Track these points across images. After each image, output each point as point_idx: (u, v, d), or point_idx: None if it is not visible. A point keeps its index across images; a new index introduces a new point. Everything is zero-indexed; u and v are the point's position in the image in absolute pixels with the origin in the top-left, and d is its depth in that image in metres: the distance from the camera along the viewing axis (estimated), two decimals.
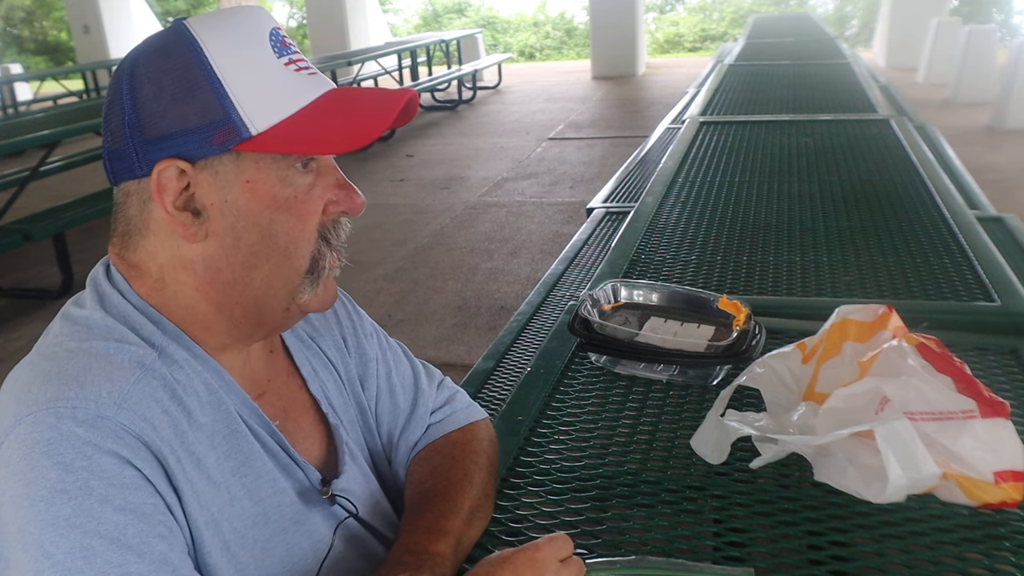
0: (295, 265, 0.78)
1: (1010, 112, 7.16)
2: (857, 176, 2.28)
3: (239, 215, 0.75)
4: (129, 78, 0.74)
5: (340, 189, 0.80)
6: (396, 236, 5.22)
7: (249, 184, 0.75)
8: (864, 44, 14.68)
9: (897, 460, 0.86)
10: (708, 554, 0.87)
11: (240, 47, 0.74)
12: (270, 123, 0.74)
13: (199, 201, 0.75)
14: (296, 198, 0.77)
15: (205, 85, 0.73)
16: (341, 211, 0.81)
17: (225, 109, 0.73)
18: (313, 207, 0.78)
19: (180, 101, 0.73)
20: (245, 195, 0.75)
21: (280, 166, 0.76)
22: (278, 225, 0.76)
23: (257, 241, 0.76)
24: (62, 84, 11.77)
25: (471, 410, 1.03)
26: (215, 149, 0.73)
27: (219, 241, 0.76)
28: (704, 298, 1.34)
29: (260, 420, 0.80)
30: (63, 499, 0.63)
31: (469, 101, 10.68)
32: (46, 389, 0.67)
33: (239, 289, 0.78)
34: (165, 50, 0.74)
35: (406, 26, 20.89)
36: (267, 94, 0.74)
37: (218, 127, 0.73)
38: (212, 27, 0.75)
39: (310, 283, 0.80)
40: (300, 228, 0.77)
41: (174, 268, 0.77)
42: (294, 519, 0.81)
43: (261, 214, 0.75)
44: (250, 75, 0.74)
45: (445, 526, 0.85)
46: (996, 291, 1.47)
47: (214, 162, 0.74)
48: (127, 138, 0.74)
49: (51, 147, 4.95)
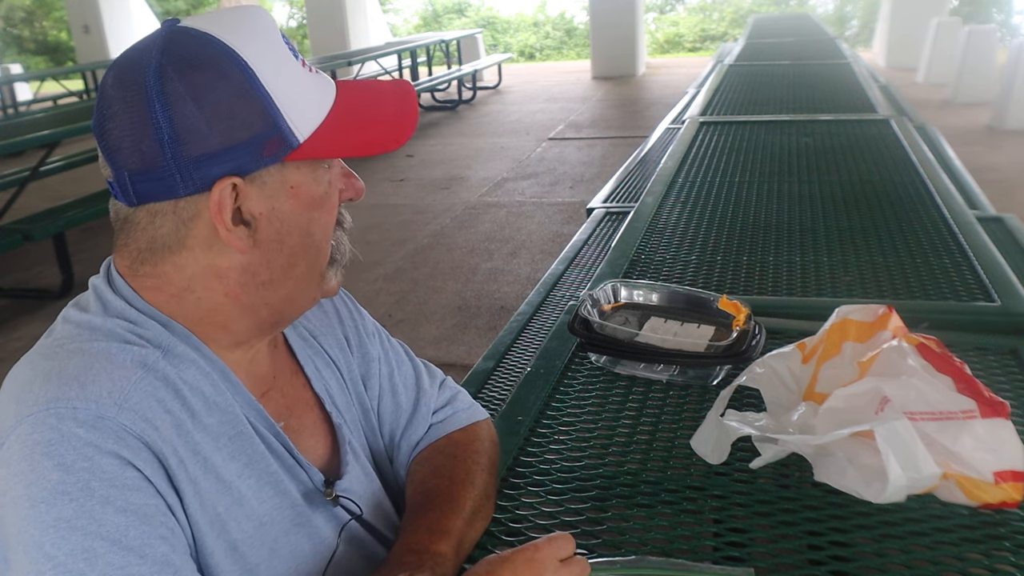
0: (324, 257, 0.81)
1: (1010, 112, 7.16)
2: (857, 176, 2.28)
3: (284, 220, 0.76)
4: (161, 95, 0.69)
5: (346, 177, 0.83)
6: (396, 236, 5.22)
7: (293, 189, 0.76)
8: (864, 44, 14.68)
9: (897, 460, 0.86)
10: (708, 554, 0.87)
11: (270, 53, 0.73)
12: (311, 129, 0.75)
13: (248, 213, 0.74)
14: (327, 194, 0.79)
15: (253, 96, 0.71)
16: (348, 198, 0.83)
17: (274, 119, 0.72)
18: (336, 199, 0.81)
19: (226, 115, 0.70)
20: (290, 200, 0.76)
21: (313, 166, 0.77)
22: (315, 223, 0.79)
23: (298, 242, 0.78)
24: (62, 84, 11.77)
25: (473, 410, 1.03)
26: (266, 161, 0.73)
27: (264, 248, 0.76)
28: (704, 298, 1.34)
29: (265, 421, 0.80)
30: (64, 500, 0.63)
31: (469, 101, 10.68)
32: (47, 389, 0.67)
33: (273, 289, 0.78)
34: (198, 62, 0.70)
35: (406, 26, 20.89)
36: (303, 100, 0.75)
37: (268, 139, 0.72)
38: (238, 33, 0.72)
39: (334, 270, 0.83)
40: (330, 221, 0.80)
41: (205, 278, 0.76)
42: (297, 521, 0.81)
43: (302, 215, 0.77)
44: (286, 82, 0.73)
45: (447, 526, 0.85)
46: (996, 291, 1.47)
47: (262, 174, 0.73)
48: (167, 157, 0.69)
49: (51, 147, 4.95)
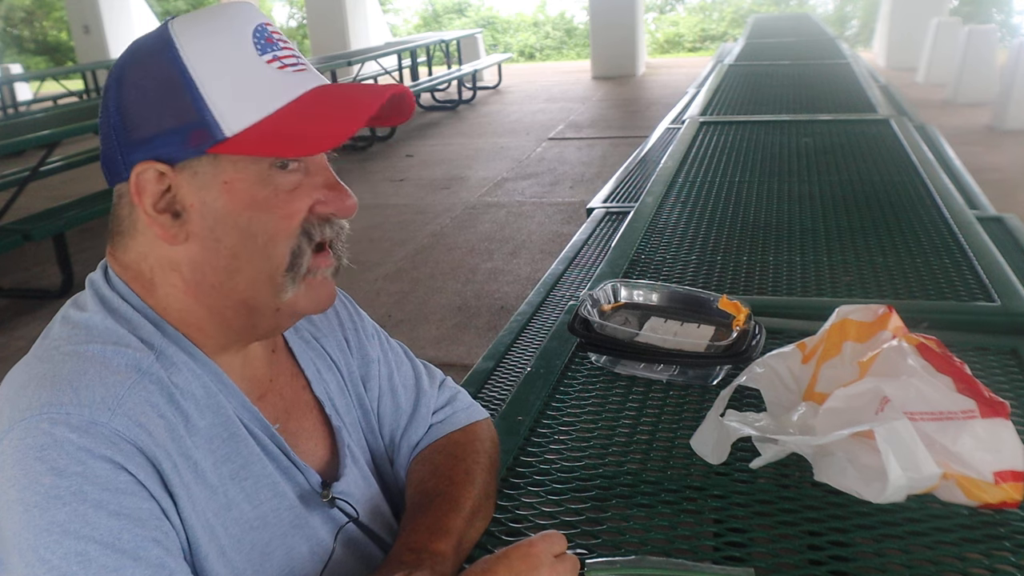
0: (275, 263, 0.76)
1: (1010, 112, 7.16)
2: (857, 176, 2.28)
3: (218, 217, 0.74)
4: (116, 82, 0.75)
5: (329, 190, 0.78)
6: (396, 236, 5.22)
7: (227, 185, 0.74)
8: (864, 44, 14.69)
9: (897, 460, 0.86)
10: (708, 554, 0.87)
11: (218, 47, 0.74)
12: (245, 124, 0.73)
13: (180, 203, 0.75)
14: (277, 198, 0.75)
15: (180, 87, 0.72)
16: (329, 212, 0.78)
17: (199, 111, 0.72)
18: (296, 206, 0.76)
19: (158, 103, 0.73)
20: (224, 196, 0.74)
21: (259, 166, 0.74)
22: (257, 225, 0.75)
23: (237, 243, 0.75)
24: (62, 84, 11.77)
25: (472, 410, 1.03)
26: (192, 151, 0.73)
27: (201, 243, 0.75)
28: (704, 298, 1.34)
29: (259, 423, 0.80)
30: (57, 505, 0.63)
31: (469, 101, 10.68)
32: (40, 394, 0.67)
33: (226, 292, 0.77)
34: (147, 52, 0.75)
35: (406, 26, 20.90)
36: (243, 94, 0.73)
37: (193, 129, 0.72)
38: (192, 27, 0.74)
39: (292, 280, 0.77)
40: (280, 228, 0.76)
41: (163, 269, 0.77)
42: (293, 522, 0.81)
43: (240, 215, 0.74)
44: (226, 76, 0.73)
45: (447, 525, 0.85)
46: (996, 291, 1.47)
47: (193, 164, 0.74)
48: (113, 141, 0.75)
49: (51, 147, 4.95)
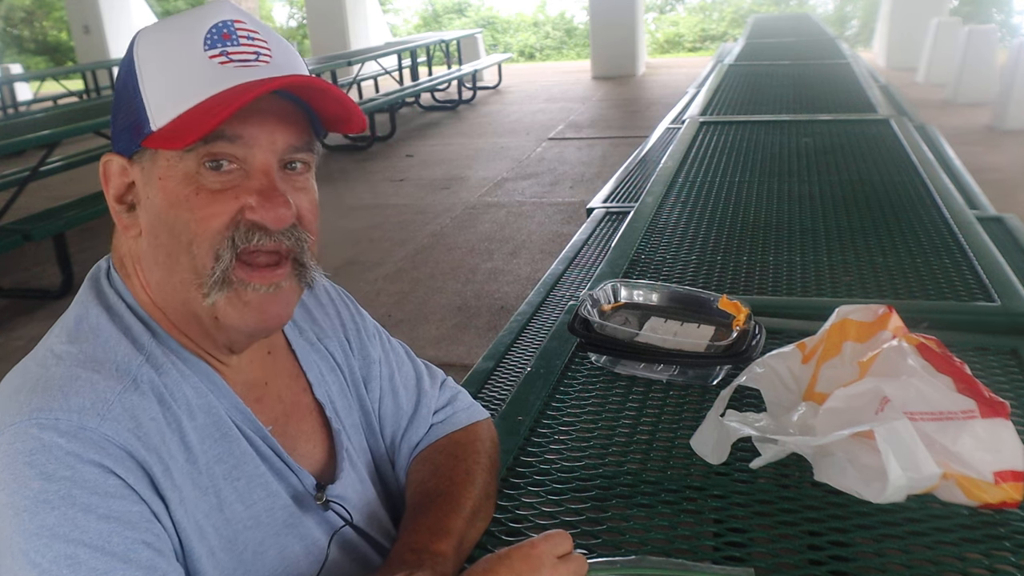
0: (198, 264, 0.74)
1: (1010, 112, 7.16)
2: (857, 176, 2.28)
3: (154, 213, 0.75)
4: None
5: (260, 196, 0.74)
6: (396, 236, 5.22)
7: (161, 182, 0.74)
8: (864, 44, 14.69)
9: (897, 460, 0.86)
10: (708, 554, 0.87)
11: (165, 44, 0.75)
12: (168, 118, 0.72)
13: (135, 196, 0.77)
14: (197, 197, 0.73)
15: (132, 84, 0.75)
16: (256, 218, 0.74)
17: (138, 106, 0.74)
18: (217, 208, 0.73)
19: (121, 100, 0.76)
20: (160, 192, 0.75)
21: (187, 164, 0.73)
22: (180, 224, 0.74)
23: (168, 241, 0.75)
24: (62, 84, 11.78)
25: (473, 410, 1.03)
26: (134, 145, 0.75)
27: (147, 239, 0.77)
28: (704, 298, 1.34)
29: (251, 424, 0.80)
30: (46, 509, 0.64)
31: (469, 101, 10.68)
32: (31, 399, 0.68)
33: (168, 292, 0.77)
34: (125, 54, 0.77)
35: (406, 26, 20.90)
36: (174, 90, 0.73)
37: (135, 123, 0.74)
38: (155, 27, 0.77)
39: (216, 288, 0.74)
40: (200, 229, 0.73)
41: (132, 262, 0.79)
42: (287, 522, 0.81)
43: (167, 212, 0.74)
44: (164, 72, 0.74)
45: (447, 525, 0.85)
46: (996, 291, 1.47)
47: (141, 158, 0.75)
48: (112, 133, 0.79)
49: (51, 147, 4.95)
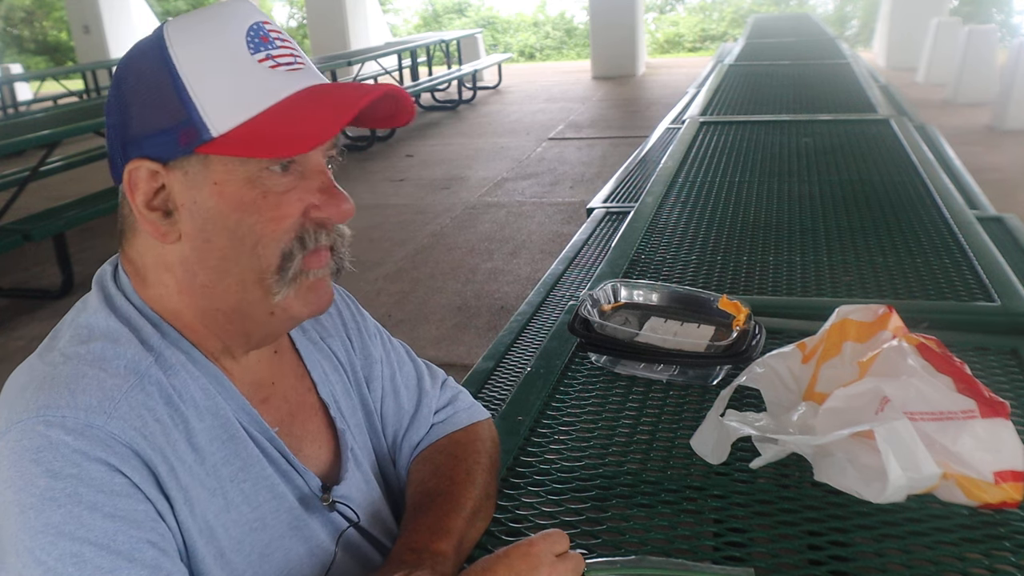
0: (264, 265, 0.75)
1: (1010, 112, 7.16)
2: (857, 176, 2.28)
3: (208, 217, 0.74)
4: (116, 83, 0.76)
5: (323, 194, 0.77)
6: (396, 236, 5.22)
7: (217, 186, 0.74)
8: (864, 44, 14.68)
9: (897, 460, 0.86)
10: (708, 554, 0.87)
11: (208, 47, 0.74)
12: (231, 125, 0.72)
13: (172, 202, 0.75)
14: (265, 200, 0.74)
15: (170, 87, 0.73)
16: (323, 216, 0.77)
17: (188, 111, 0.72)
18: (287, 210, 0.75)
19: (152, 103, 0.73)
20: (213, 197, 0.74)
21: (249, 168, 0.73)
22: (245, 228, 0.74)
23: (227, 244, 0.75)
24: (62, 84, 11.77)
25: (474, 410, 1.03)
26: (181, 150, 0.73)
27: (191, 243, 0.75)
28: (704, 298, 1.34)
29: (259, 426, 0.80)
30: (52, 507, 0.64)
31: (469, 101, 10.68)
32: (38, 396, 0.68)
33: (216, 294, 0.77)
34: (143, 53, 0.75)
35: (406, 26, 20.90)
36: (231, 95, 0.73)
37: (183, 128, 0.72)
38: (185, 27, 0.75)
39: (283, 282, 0.76)
40: (268, 230, 0.74)
41: (157, 268, 0.77)
42: (292, 524, 0.81)
43: (229, 216, 0.74)
44: (215, 76, 0.73)
45: (448, 525, 0.85)
46: (996, 291, 1.47)
47: (184, 163, 0.74)
48: (114, 139, 0.76)
49: (51, 147, 4.94)
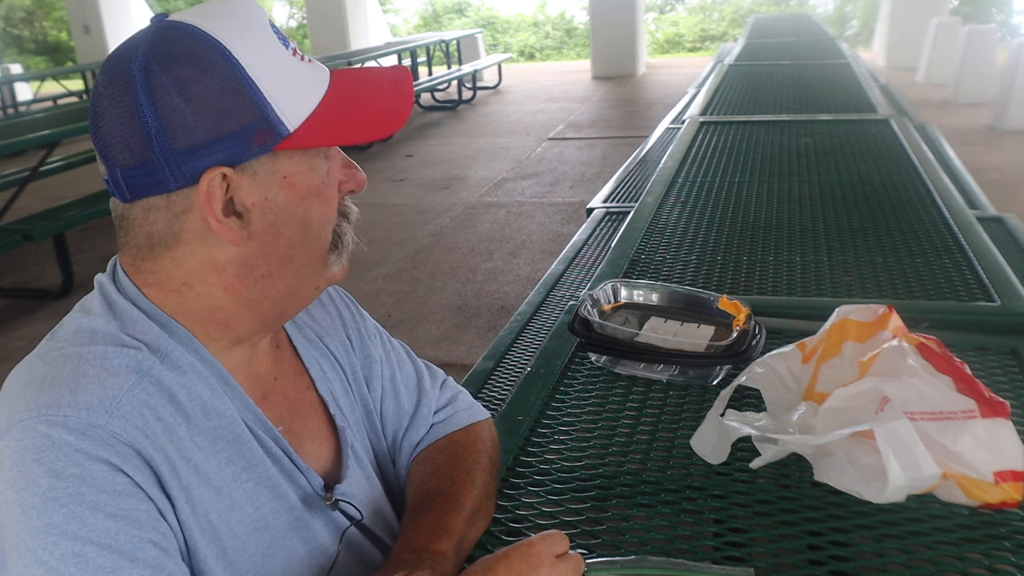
0: (324, 245, 0.81)
1: (1010, 112, 7.16)
2: (857, 176, 2.28)
3: (278, 211, 0.75)
4: (147, 90, 0.69)
5: (347, 168, 0.83)
6: (396, 236, 5.22)
7: (287, 179, 0.75)
8: (864, 44, 14.68)
9: (897, 460, 0.86)
10: (708, 554, 0.87)
11: (258, 43, 0.73)
12: (302, 118, 0.74)
13: (240, 204, 0.73)
14: (324, 184, 0.79)
15: (240, 88, 0.71)
16: (349, 189, 0.83)
17: (262, 110, 0.72)
18: (335, 190, 0.81)
19: (213, 107, 0.70)
20: (284, 190, 0.75)
21: (308, 156, 0.77)
22: (312, 213, 0.78)
23: (295, 233, 0.77)
24: (62, 84, 11.77)
25: (473, 410, 1.03)
26: (255, 151, 0.72)
27: (259, 240, 0.75)
28: (704, 298, 1.34)
29: (263, 426, 0.80)
30: (54, 506, 0.63)
31: (469, 101, 10.67)
32: (39, 396, 0.67)
33: (272, 282, 0.78)
34: (183, 55, 0.70)
35: (406, 26, 20.89)
36: (293, 89, 0.74)
37: (256, 129, 0.72)
38: (223, 25, 0.72)
39: (336, 257, 0.82)
40: (328, 212, 0.80)
41: (203, 272, 0.75)
42: (294, 525, 0.80)
43: (298, 206, 0.77)
44: (275, 71, 0.73)
45: (448, 525, 0.85)
46: (996, 291, 1.47)
47: (253, 164, 0.73)
48: (155, 151, 0.70)
49: (51, 147, 4.94)
